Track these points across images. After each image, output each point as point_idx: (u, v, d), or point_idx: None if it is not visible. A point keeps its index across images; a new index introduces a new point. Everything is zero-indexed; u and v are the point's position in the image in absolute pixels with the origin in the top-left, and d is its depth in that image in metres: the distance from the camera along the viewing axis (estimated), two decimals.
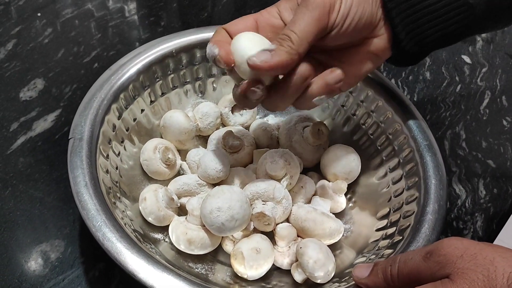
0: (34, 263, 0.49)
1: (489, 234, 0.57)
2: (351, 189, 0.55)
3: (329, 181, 0.54)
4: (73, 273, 0.49)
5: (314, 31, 0.40)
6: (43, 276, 0.48)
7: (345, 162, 0.53)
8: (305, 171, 0.55)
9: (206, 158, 0.50)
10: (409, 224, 0.46)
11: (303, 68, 0.41)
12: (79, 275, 0.48)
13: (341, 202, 0.53)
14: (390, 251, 0.45)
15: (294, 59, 0.40)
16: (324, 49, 0.44)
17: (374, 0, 0.43)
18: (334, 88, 0.42)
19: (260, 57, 0.39)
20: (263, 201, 0.48)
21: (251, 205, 0.47)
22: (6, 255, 0.49)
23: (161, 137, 0.56)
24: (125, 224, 0.43)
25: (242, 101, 0.43)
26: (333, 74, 0.42)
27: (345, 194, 0.54)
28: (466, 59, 0.78)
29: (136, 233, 0.44)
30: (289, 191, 0.50)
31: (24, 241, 0.50)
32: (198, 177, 0.51)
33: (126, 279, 0.48)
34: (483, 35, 0.82)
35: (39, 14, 0.74)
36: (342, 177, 0.53)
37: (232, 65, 0.41)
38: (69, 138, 0.46)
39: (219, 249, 0.49)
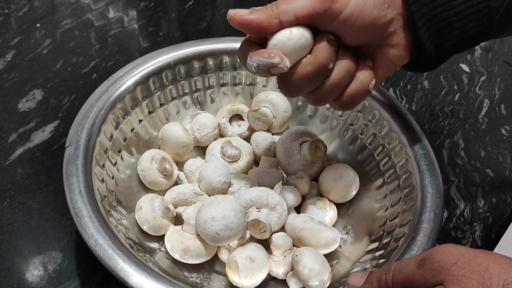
0: (31, 275, 0.49)
1: (488, 244, 0.57)
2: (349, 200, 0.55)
3: (322, 196, 0.54)
4: (70, 284, 0.48)
5: (308, 6, 0.39)
6: None
7: (342, 184, 0.53)
8: None
9: (209, 171, 0.50)
10: (405, 233, 0.46)
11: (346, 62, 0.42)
12: (76, 287, 0.48)
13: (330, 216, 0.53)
14: (385, 260, 0.45)
15: (272, 23, 0.39)
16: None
17: (391, 4, 0.42)
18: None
19: (238, 11, 0.39)
20: (257, 208, 0.48)
21: (245, 213, 0.47)
22: (4, 266, 0.49)
23: (159, 149, 0.56)
24: (118, 232, 0.43)
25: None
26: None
27: (342, 205, 0.54)
28: (465, 67, 0.78)
29: (130, 241, 0.44)
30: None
31: (21, 253, 0.50)
32: (200, 189, 0.51)
33: None
34: (482, 43, 0.82)
35: (38, 25, 0.75)
36: (336, 195, 0.53)
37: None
38: (66, 146, 0.47)
39: (215, 259, 0.49)
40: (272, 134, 0.59)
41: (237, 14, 0.39)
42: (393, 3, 0.42)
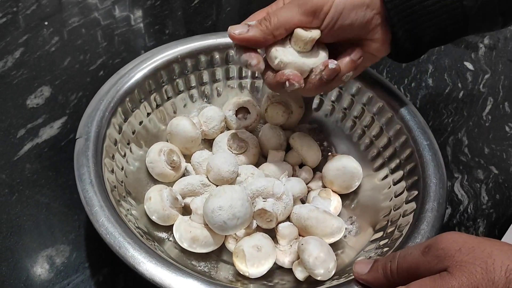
0: (39, 268, 0.49)
1: None
2: (353, 191, 0.56)
3: (325, 186, 0.55)
4: (78, 277, 0.49)
5: (295, 22, 0.45)
6: (48, 281, 0.48)
7: (345, 175, 0.53)
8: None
9: (217, 161, 0.51)
10: (409, 222, 0.46)
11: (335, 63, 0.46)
12: (83, 280, 0.49)
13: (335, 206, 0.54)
14: (388, 248, 0.45)
15: (267, 39, 0.46)
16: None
17: (370, 5, 0.46)
18: (358, 64, 0.48)
19: (237, 29, 0.45)
20: (263, 198, 0.48)
21: (252, 203, 0.48)
22: (13, 259, 0.49)
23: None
24: (128, 221, 0.44)
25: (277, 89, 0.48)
26: (356, 52, 0.47)
27: (347, 196, 0.55)
28: (469, 65, 0.79)
29: (140, 230, 0.45)
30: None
31: (30, 246, 0.51)
32: (209, 180, 0.52)
33: (131, 284, 0.49)
34: (486, 41, 0.83)
35: (46, 23, 0.75)
36: (340, 187, 0.54)
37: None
38: (76, 138, 0.48)
39: (223, 249, 0.49)
40: (284, 130, 0.59)
41: (235, 33, 0.45)
42: (372, 3, 0.46)
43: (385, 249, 0.46)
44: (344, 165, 0.53)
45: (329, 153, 0.59)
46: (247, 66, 0.47)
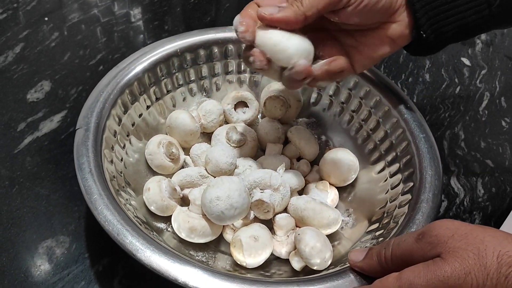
0: (39, 259, 0.50)
1: None
2: (350, 184, 0.56)
3: (322, 179, 0.55)
4: (78, 268, 0.49)
5: (326, 1, 0.42)
6: (48, 271, 0.49)
7: (341, 168, 0.54)
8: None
9: (216, 154, 0.52)
10: (404, 213, 0.47)
11: (302, 64, 0.43)
12: (83, 270, 0.49)
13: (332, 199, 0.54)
14: (384, 238, 0.46)
15: (299, 20, 0.43)
16: (343, 28, 0.47)
17: None
18: (336, 76, 0.45)
19: (267, 10, 0.43)
20: (261, 189, 0.49)
21: (250, 194, 0.48)
22: (13, 250, 0.50)
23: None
24: (127, 210, 0.44)
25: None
26: (336, 62, 0.45)
27: (344, 188, 0.55)
28: (466, 61, 0.79)
29: (138, 219, 0.45)
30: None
31: (30, 237, 0.51)
32: (207, 172, 0.52)
33: (129, 274, 0.49)
34: (483, 37, 0.83)
35: (46, 19, 0.76)
36: (336, 179, 0.55)
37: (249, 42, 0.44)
38: (76, 128, 0.48)
39: (221, 240, 0.50)
40: (282, 123, 0.60)
41: (267, 13, 0.42)
42: None
43: (380, 239, 0.46)
44: (341, 158, 0.54)
45: (327, 147, 0.60)
46: (236, 31, 0.43)
